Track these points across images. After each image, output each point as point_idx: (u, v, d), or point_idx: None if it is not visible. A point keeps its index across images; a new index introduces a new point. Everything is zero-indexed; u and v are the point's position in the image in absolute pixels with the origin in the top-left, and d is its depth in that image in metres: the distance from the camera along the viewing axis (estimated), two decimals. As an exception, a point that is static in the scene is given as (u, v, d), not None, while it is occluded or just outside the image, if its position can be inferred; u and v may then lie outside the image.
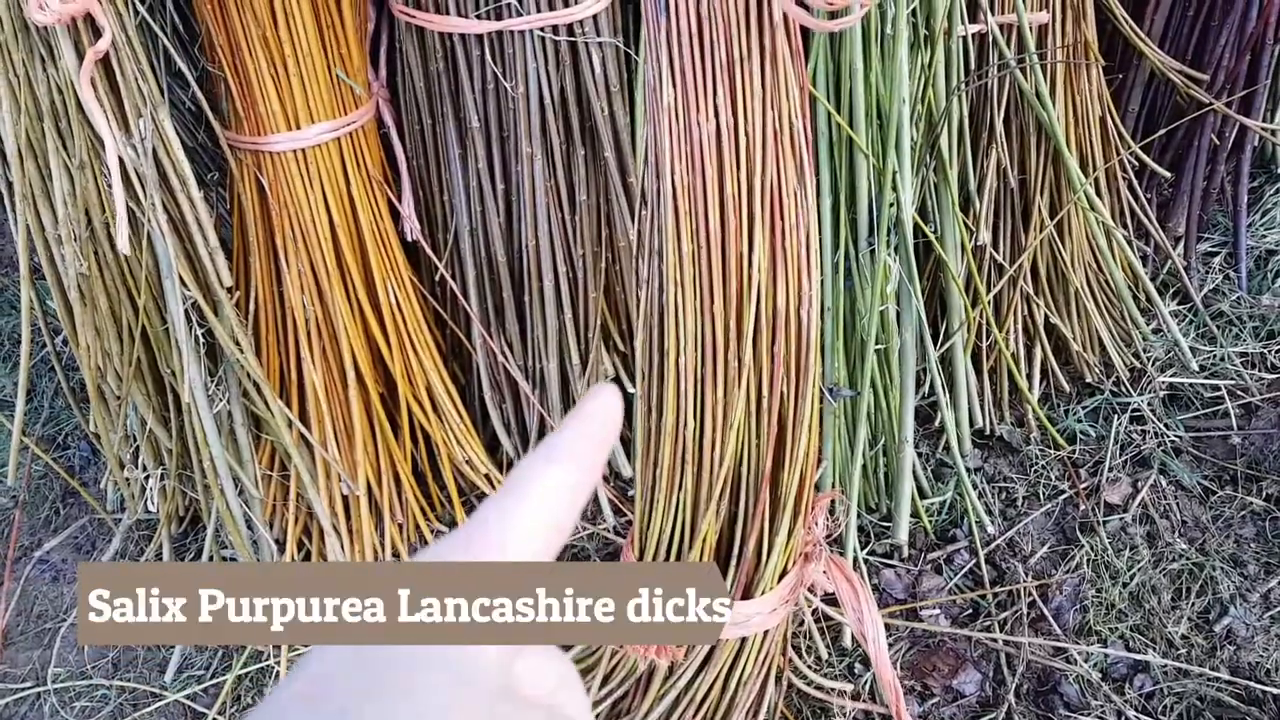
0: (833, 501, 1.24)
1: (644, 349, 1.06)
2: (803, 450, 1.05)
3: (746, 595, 1.10)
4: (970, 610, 1.45)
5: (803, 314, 1.01)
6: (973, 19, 1.49)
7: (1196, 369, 1.63)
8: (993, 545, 1.49)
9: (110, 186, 1.21)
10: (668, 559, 1.11)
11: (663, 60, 0.90)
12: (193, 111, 1.55)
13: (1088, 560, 1.45)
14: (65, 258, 1.28)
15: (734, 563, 1.09)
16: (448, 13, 1.36)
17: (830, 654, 1.38)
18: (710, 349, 1.00)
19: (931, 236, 1.50)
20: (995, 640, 1.39)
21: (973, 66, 1.49)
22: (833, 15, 0.82)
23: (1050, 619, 1.40)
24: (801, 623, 1.36)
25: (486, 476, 1.62)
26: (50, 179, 1.24)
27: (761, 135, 0.92)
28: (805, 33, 1.39)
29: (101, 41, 1.15)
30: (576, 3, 1.35)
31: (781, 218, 0.96)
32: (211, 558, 1.61)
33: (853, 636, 1.37)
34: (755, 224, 0.95)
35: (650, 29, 0.90)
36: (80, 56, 1.16)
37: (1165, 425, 1.58)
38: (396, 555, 1.60)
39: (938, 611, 1.44)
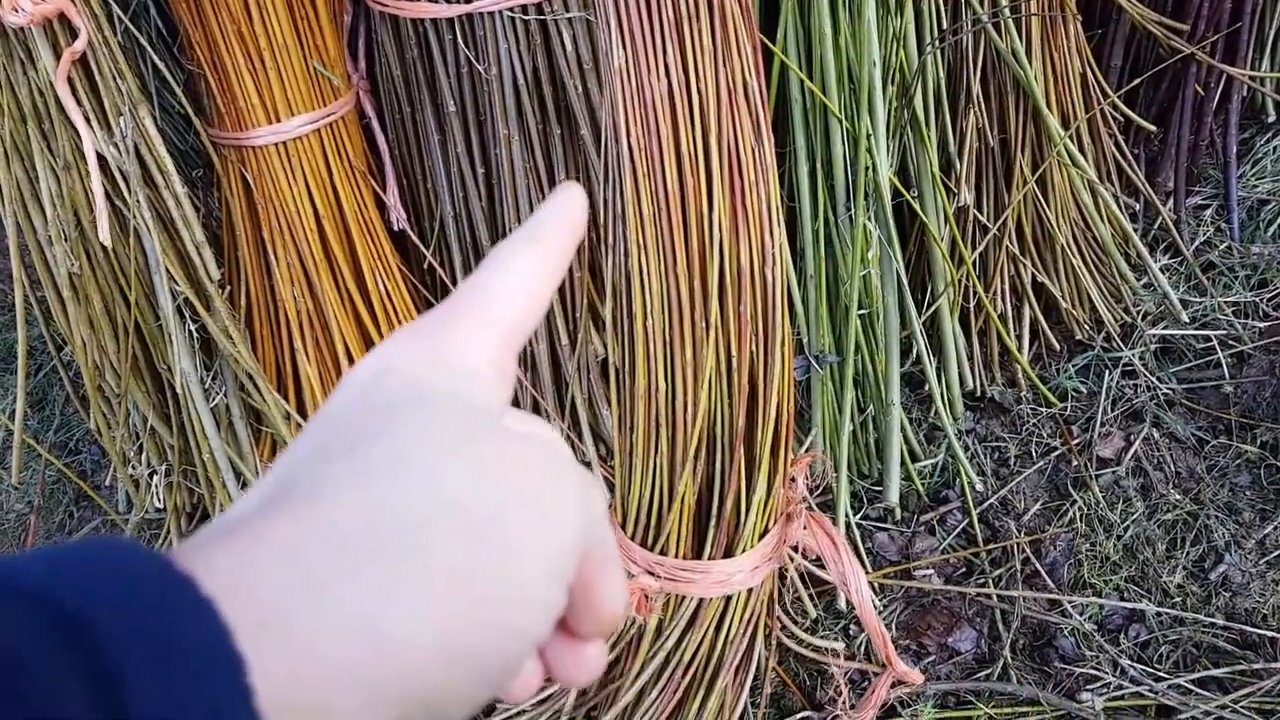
0: (815, 462, 1.25)
1: (613, 315, 1.08)
2: (774, 408, 1.06)
3: (728, 554, 1.11)
4: (964, 569, 1.45)
5: (767, 272, 1.02)
6: (944, -20, 1.49)
7: (1187, 321, 1.63)
8: (985, 504, 1.50)
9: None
10: (649, 522, 1.12)
11: (611, 22, 0.91)
12: (182, 114, 1.58)
13: (1081, 515, 1.45)
14: (56, 257, 1.31)
15: (713, 522, 1.10)
16: None
17: (823, 614, 1.39)
18: (677, 310, 1.02)
19: (911, 200, 1.50)
20: (990, 597, 1.39)
21: (944, 26, 1.50)
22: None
23: (1044, 574, 1.40)
24: (792, 586, 1.37)
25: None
26: (37, 180, 1.27)
27: (715, 93, 0.94)
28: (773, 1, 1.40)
29: (78, 42, 1.18)
30: (544, -17, 1.37)
31: (740, 175, 0.97)
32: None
33: (847, 600, 1.38)
34: (714, 182, 0.97)
35: (597, -6, 0.91)
36: (58, 57, 1.19)
37: (1157, 378, 1.58)
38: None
39: (931, 572, 1.45)
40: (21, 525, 1.83)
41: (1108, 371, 1.60)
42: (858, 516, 1.51)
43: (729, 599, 1.14)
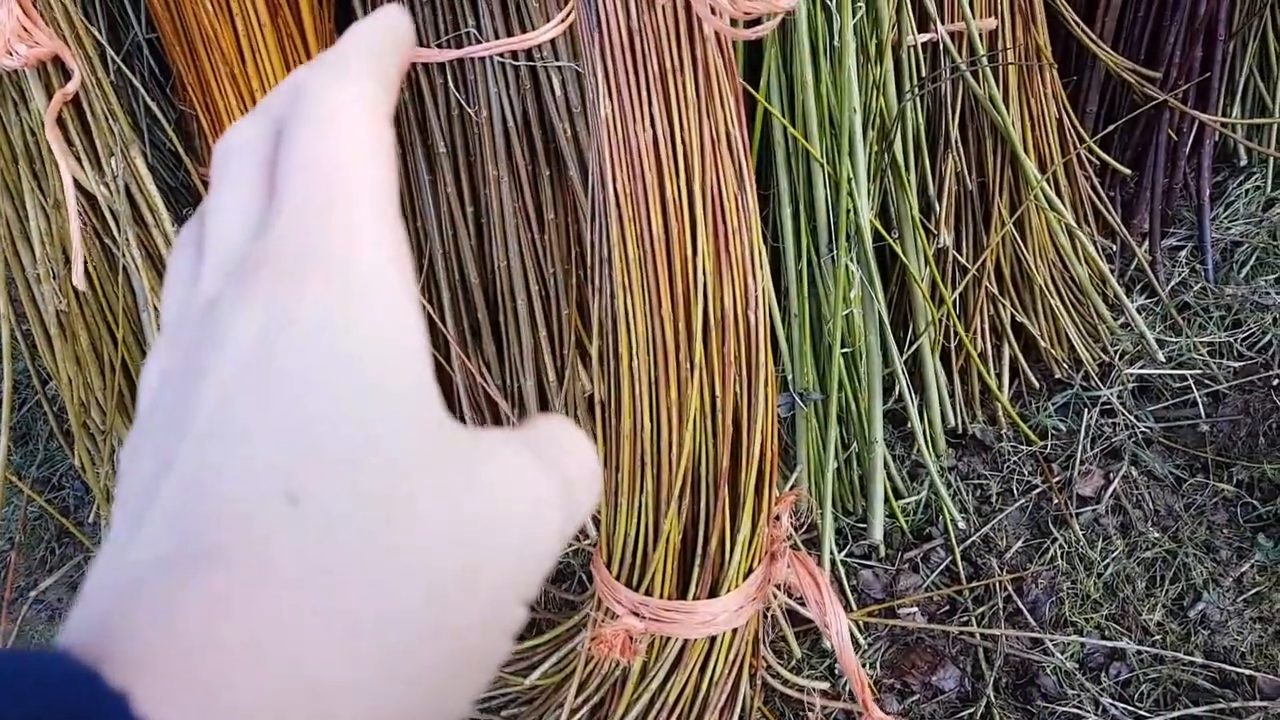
0: (799, 501, 1.26)
1: (599, 355, 1.09)
2: (758, 447, 1.08)
3: (713, 594, 1.12)
4: (947, 607, 1.46)
5: (750, 315, 1.04)
6: (923, 29, 1.53)
7: (1164, 360, 1.66)
8: (968, 541, 1.51)
9: (85, 225, 1.26)
10: (634, 562, 1.13)
11: (598, 73, 0.93)
12: (173, 151, 1.59)
13: (1062, 552, 1.46)
14: (44, 295, 1.32)
15: (698, 562, 1.11)
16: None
17: (807, 652, 1.39)
18: (662, 351, 1.03)
19: (892, 241, 1.53)
20: (973, 635, 1.40)
21: (925, 74, 1.53)
22: (751, 24, 0.86)
23: (1026, 612, 1.41)
24: (776, 624, 1.37)
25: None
26: (26, 219, 1.28)
27: (699, 142, 0.96)
28: (756, 46, 1.44)
29: (71, 84, 1.20)
30: (534, 28, 1.40)
31: (724, 222, 0.99)
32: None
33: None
34: (698, 228, 0.99)
35: (585, 43, 0.94)
36: (51, 97, 1.21)
37: (1135, 417, 1.60)
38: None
39: (915, 610, 1.46)
40: (2, 562, 1.82)
41: (1087, 410, 1.62)
42: (842, 554, 1.52)
43: (714, 639, 1.14)
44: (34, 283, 1.33)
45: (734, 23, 0.87)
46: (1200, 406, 1.59)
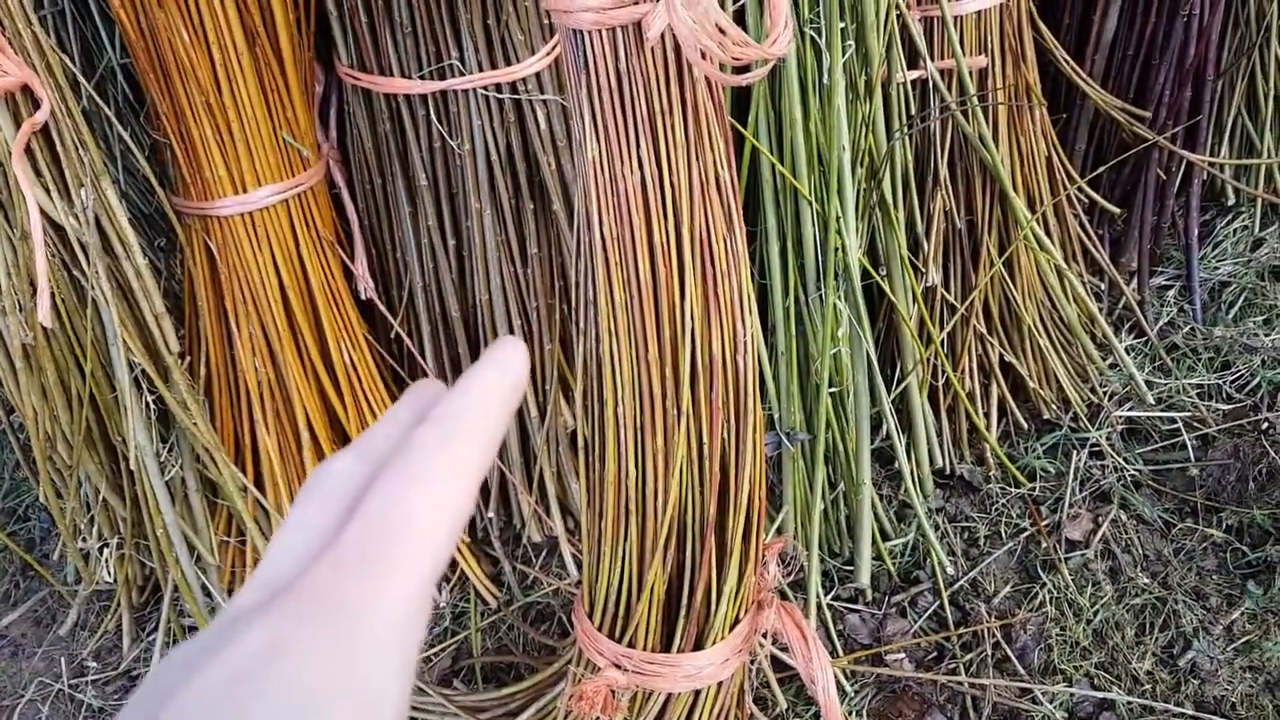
0: (785, 546, 1.23)
1: (583, 399, 1.06)
2: (746, 495, 1.05)
3: (698, 646, 1.09)
4: (935, 653, 1.43)
5: (739, 360, 1.01)
6: (912, 66, 1.52)
7: (1153, 402, 1.64)
8: (955, 586, 1.48)
9: (53, 257, 1.22)
10: (616, 612, 1.10)
11: (585, 115, 0.91)
12: (146, 179, 1.56)
13: (1050, 598, 1.44)
14: (9, 328, 1.27)
15: (683, 613, 1.07)
16: (392, 74, 1.38)
17: (793, 702, 1.36)
18: (648, 397, 1.00)
19: (880, 280, 1.51)
20: (961, 683, 1.37)
21: (914, 112, 1.52)
22: (741, 70, 0.84)
23: (1014, 659, 1.39)
24: (760, 671, 1.34)
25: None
26: (-7, 249, 1.24)
27: (688, 185, 0.93)
28: (745, 86, 1.42)
29: (39, 113, 1.16)
30: (518, 61, 1.37)
31: (712, 265, 0.97)
32: (170, 628, 1.59)
33: (817, 684, 1.35)
34: (686, 272, 0.96)
35: (572, 85, 0.91)
36: (19, 126, 1.17)
37: (1124, 459, 1.58)
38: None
39: (903, 656, 1.43)
40: (-37, 596, 1.77)
41: (1075, 451, 1.60)
42: (829, 597, 1.49)
43: (698, 692, 1.11)
44: (-1, 315, 1.29)
45: (724, 68, 0.84)
46: (1190, 449, 1.58)
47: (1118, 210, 1.79)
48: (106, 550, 1.55)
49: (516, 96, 1.39)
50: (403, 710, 0.26)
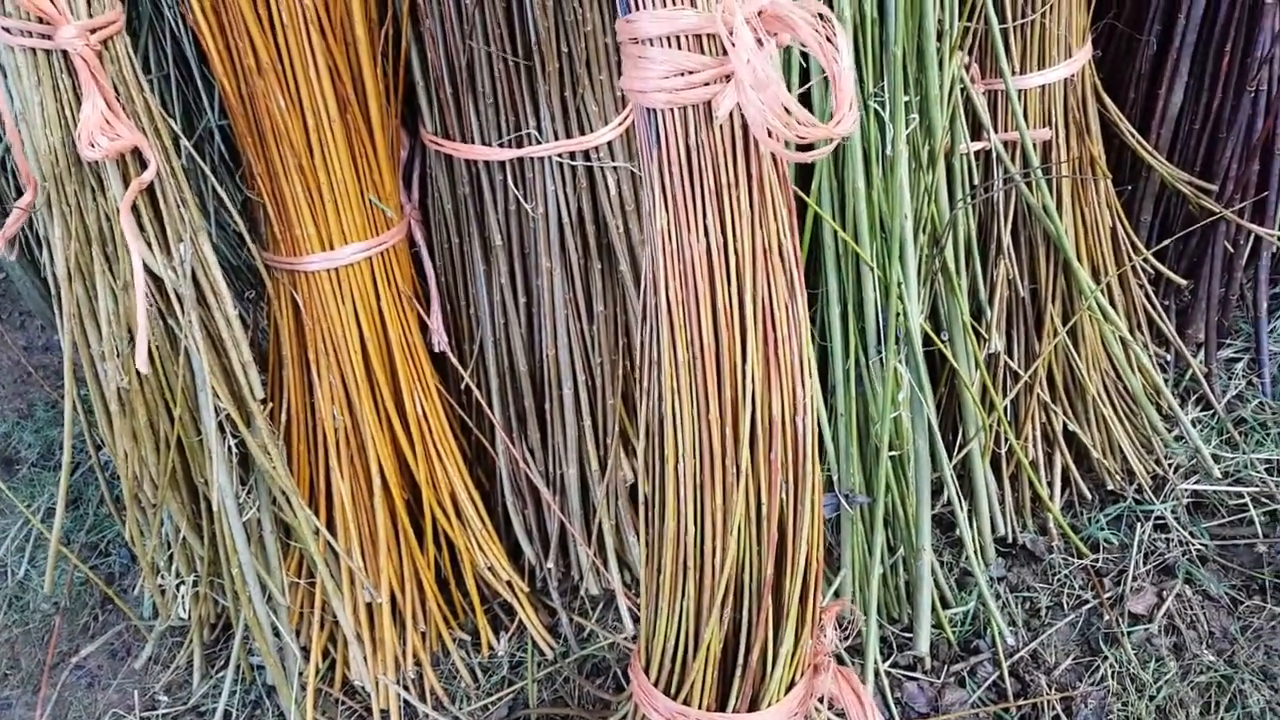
0: (843, 611, 1.24)
1: (645, 457, 1.09)
2: (804, 556, 1.07)
3: (753, 707, 1.10)
4: (993, 724, 1.42)
5: (798, 421, 1.03)
6: (976, 137, 1.55)
7: (1220, 476, 1.62)
8: (1016, 656, 1.47)
9: (151, 306, 1.29)
10: (673, 669, 1.11)
11: (656, 186, 0.95)
12: (237, 232, 1.65)
13: (1113, 672, 1.42)
14: (106, 372, 1.35)
15: (739, 673, 1.09)
16: (473, 142, 1.45)
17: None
18: (708, 456, 1.03)
19: (942, 344, 1.52)
20: (1019, 756, 1.35)
21: (978, 181, 1.54)
22: (804, 148, 0.88)
23: (1075, 734, 1.37)
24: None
25: (509, 584, 1.64)
26: (96, 299, 1.33)
27: (751, 253, 0.97)
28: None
29: (147, 173, 1.25)
30: (592, 130, 1.44)
31: (774, 329, 1.00)
32: (239, 666, 1.64)
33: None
34: (748, 336, 0.99)
35: (643, 158, 0.96)
36: (127, 185, 1.25)
37: (1190, 533, 1.56)
38: (419, 663, 1.61)
39: (959, 725, 1.41)
40: (47, 626, 1.84)
41: (1139, 524, 1.59)
42: (886, 663, 1.48)
43: (751, 751, 1.12)
44: (98, 360, 1.37)
45: (789, 144, 0.88)
46: (1258, 525, 1.55)
47: (1184, 281, 1.79)
48: (184, 587, 1.61)
49: (589, 164, 1.45)
50: None
